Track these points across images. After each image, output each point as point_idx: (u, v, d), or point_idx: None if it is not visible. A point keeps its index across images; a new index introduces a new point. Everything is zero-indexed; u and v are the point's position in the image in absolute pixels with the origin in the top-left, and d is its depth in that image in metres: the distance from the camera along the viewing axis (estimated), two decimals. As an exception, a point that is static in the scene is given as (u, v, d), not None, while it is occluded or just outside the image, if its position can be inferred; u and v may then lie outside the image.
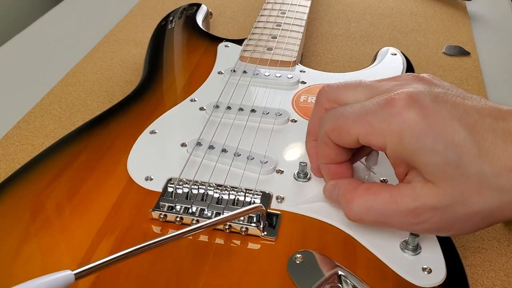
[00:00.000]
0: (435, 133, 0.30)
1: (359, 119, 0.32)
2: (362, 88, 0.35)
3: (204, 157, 0.42)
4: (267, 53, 0.56)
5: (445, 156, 0.29)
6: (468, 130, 0.29)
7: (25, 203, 0.38)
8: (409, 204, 0.31)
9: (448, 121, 0.30)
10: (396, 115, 0.30)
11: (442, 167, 0.30)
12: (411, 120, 0.30)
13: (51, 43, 0.71)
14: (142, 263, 0.34)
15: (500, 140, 0.29)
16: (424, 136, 0.30)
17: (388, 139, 0.31)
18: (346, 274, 0.33)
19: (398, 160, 0.32)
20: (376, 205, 0.33)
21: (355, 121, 0.33)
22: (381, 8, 0.80)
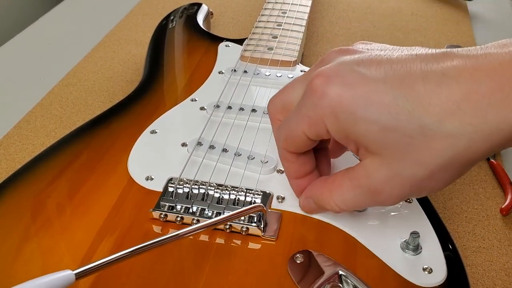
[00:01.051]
0: (363, 100, 0.28)
1: (298, 117, 0.32)
2: (298, 83, 0.34)
3: (205, 157, 0.42)
4: (268, 53, 0.56)
5: (380, 121, 0.28)
6: (396, 87, 0.28)
7: (25, 203, 0.38)
8: (367, 185, 0.31)
9: (373, 85, 0.28)
10: (322, 97, 0.30)
11: (381, 135, 0.28)
12: (336, 95, 0.29)
13: (52, 43, 0.71)
14: (142, 263, 0.34)
15: (434, 86, 0.27)
16: (354, 107, 0.29)
17: (327, 123, 0.30)
18: (346, 274, 0.33)
19: (344, 139, 0.31)
20: (345, 196, 0.32)
21: (296, 121, 0.32)
22: (382, 8, 0.80)
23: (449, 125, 0.27)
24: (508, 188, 0.46)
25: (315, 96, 0.30)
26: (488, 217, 0.44)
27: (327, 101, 0.29)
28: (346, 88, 0.29)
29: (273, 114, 0.36)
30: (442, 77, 0.28)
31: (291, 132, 0.33)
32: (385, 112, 0.28)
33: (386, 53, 0.30)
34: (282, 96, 0.35)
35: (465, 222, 0.43)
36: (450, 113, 0.27)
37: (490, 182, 0.48)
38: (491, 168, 0.49)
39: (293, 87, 0.34)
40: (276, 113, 0.36)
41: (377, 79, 0.29)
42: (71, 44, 0.71)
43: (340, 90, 0.29)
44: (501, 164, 0.49)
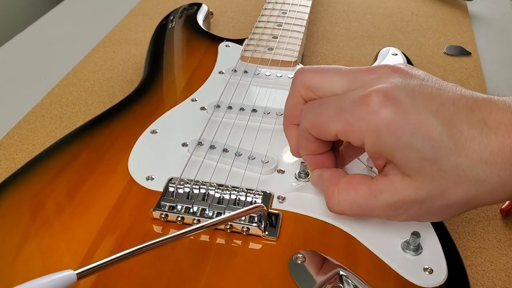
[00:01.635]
0: (412, 129, 0.30)
1: (337, 117, 0.32)
2: (338, 77, 0.34)
3: (205, 157, 0.42)
4: (268, 53, 0.56)
5: (422, 152, 0.30)
6: (445, 124, 0.30)
7: (25, 203, 0.38)
8: (388, 199, 0.32)
9: (424, 116, 0.30)
10: (373, 114, 0.30)
11: (419, 163, 0.30)
12: (387, 118, 0.30)
13: (52, 43, 0.71)
14: (143, 263, 0.34)
15: (476, 132, 0.30)
16: (401, 133, 0.30)
17: (366, 137, 0.31)
18: (347, 274, 0.33)
19: (376, 154, 0.32)
20: (356, 200, 0.33)
21: (333, 119, 0.33)
22: (382, 8, 0.80)
23: (481, 172, 0.30)
24: (508, 188, 0.46)
25: (366, 110, 0.31)
26: (488, 217, 0.44)
27: (376, 119, 0.30)
28: (399, 114, 0.30)
29: (297, 84, 0.36)
30: (484, 126, 0.30)
31: (323, 124, 0.33)
32: (429, 144, 0.30)
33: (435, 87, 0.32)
34: (316, 77, 0.35)
35: (465, 222, 0.43)
36: (484, 162, 0.29)
37: (490, 182, 0.48)
38: (491, 168, 0.49)
39: (332, 77, 0.34)
40: (301, 87, 0.36)
41: (429, 112, 0.30)
42: (71, 44, 0.71)
43: (393, 113, 0.30)
44: (501, 165, 0.49)
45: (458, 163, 0.30)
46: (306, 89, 0.35)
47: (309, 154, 0.37)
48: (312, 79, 0.35)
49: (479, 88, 0.61)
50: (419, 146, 0.30)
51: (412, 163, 0.30)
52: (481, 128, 0.30)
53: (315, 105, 0.34)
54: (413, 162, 0.30)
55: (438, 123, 0.30)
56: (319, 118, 0.34)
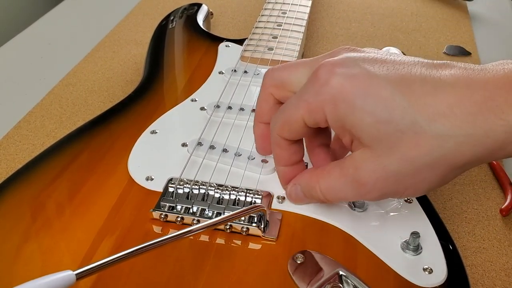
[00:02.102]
0: (362, 92, 0.30)
1: (299, 102, 0.32)
2: (302, 68, 0.35)
3: (205, 157, 0.42)
4: (268, 53, 0.56)
5: (375, 113, 0.29)
6: (396, 83, 0.29)
7: (25, 203, 0.38)
8: (353, 175, 0.31)
9: (374, 79, 0.30)
10: (324, 85, 0.31)
11: (374, 126, 0.29)
12: (338, 84, 0.30)
13: (52, 43, 0.71)
14: (143, 263, 0.34)
15: (430, 88, 0.29)
16: (352, 97, 0.30)
17: (325, 110, 0.31)
18: (347, 274, 0.33)
19: (340, 129, 0.32)
20: (332, 183, 0.33)
21: (296, 105, 0.33)
22: (382, 8, 0.80)
23: (440, 126, 0.29)
24: (508, 188, 0.46)
25: (318, 83, 0.31)
26: (488, 217, 0.44)
27: (328, 89, 0.31)
28: (348, 79, 0.30)
29: (267, 85, 0.36)
30: (439, 82, 0.29)
31: (290, 117, 0.33)
32: (381, 105, 0.29)
33: (391, 57, 0.32)
34: (283, 73, 0.36)
35: (465, 222, 0.43)
36: (442, 115, 0.28)
37: (490, 182, 0.48)
38: (491, 168, 0.49)
39: (296, 69, 0.35)
40: (270, 86, 0.36)
41: (379, 75, 0.30)
42: (71, 44, 0.71)
43: (343, 80, 0.30)
44: (501, 165, 0.49)
45: (414, 120, 0.29)
46: (276, 87, 0.36)
47: (284, 166, 0.36)
48: (279, 75, 0.36)
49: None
50: (371, 108, 0.29)
51: (368, 129, 0.30)
52: (436, 83, 0.29)
53: (280, 108, 0.35)
54: (369, 127, 0.30)
55: (389, 84, 0.29)
56: (285, 113, 0.34)
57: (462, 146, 0.29)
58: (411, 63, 0.31)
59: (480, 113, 0.28)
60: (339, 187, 0.33)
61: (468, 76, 0.29)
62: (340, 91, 0.30)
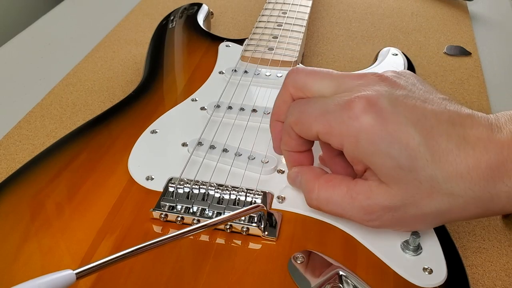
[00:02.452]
0: (390, 137, 0.30)
1: (320, 117, 0.33)
2: (328, 80, 0.35)
3: (205, 157, 0.42)
4: (268, 53, 0.56)
5: (398, 160, 0.30)
6: (423, 135, 0.30)
7: (25, 203, 0.38)
8: (362, 202, 0.32)
9: (403, 126, 0.30)
10: (354, 119, 0.31)
11: (395, 171, 0.31)
12: (367, 124, 0.31)
13: (52, 43, 0.71)
14: (143, 262, 0.34)
15: (454, 146, 0.30)
16: (379, 141, 0.30)
17: (345, 141, 0.32)
18: (347, 274, 0.33)
19: (354, 160, 0.33)
20: (333, 198, 0.34)
21: (316, 119, 0.33)
22: (382, 8, 0.80)
23: (455, 185, 0.30)
24: (508, 188, 0.46)
25: (348, 115, 0.31)
26: (488, 217, 0.44)
27: (356, 125, 0.31)
28: (379, 121, 0.31)
29: (288, 84, 0.37)
30: (463, 141, 0.30)
31: (306, 122, 0.34)
32: (406, 153, 0.30)
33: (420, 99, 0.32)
34: (307, 79, 0.36)
35: (465, 222, 0.43)
36: (460, 175, 0.30)
37: (490, 182, 0.48)
38: (491, 168, 0.49)
39: (322, 79, 0.35)
40: (291, 86, 0.37)
41: (409, 122, 0.31)
42: (71, 44, 0.71)
43: (373, 120, 0.31)
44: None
45: (434, 174, 0.30)
46: (296, 89, 0.36)
47: (289, 151, 0.37)
48: (303, 79, 0.36)
49: (479, 88, 0.61)
50: (396, 154, 0.30)
51: (388, 171, 0.31)
52: (460, 142, 0.30)
53: (302, 103, 0.35)
54: (390, 169, 0.31)
55: (417, 134, 0.30)
56: (303, 116, 0.34)
57: (468, 206, 0.31)
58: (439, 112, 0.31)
59: (491, 179, 0.30)
60: (341, 205, 0.34)
61: (487, 138, 0.30)
62: (367, 131, 0.31)
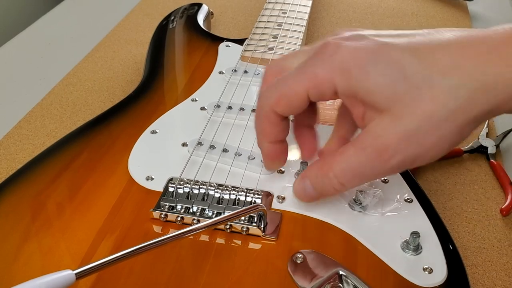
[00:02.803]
0: (373, 57, 0.30)
1: (302, 75, 0.32)
2: (301, 53, 0.34)
3: (205, 157, 0.42)
4: (268, 53, 0.56)
5: (389, 74, 0.30)
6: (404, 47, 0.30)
7: (26, 203, 0.38)
8: (373, 144, 0.31)
9: (383, 45, 0.30)
10: (334, 54, 0.31)
11: (390, 86, 0.30)
12: (348, 53, 0.30)
13: (52, 43, 0.71)
14: (143, 262, 0.34)
15: (437, 45, 0.30)
16: (365, 63, 0.30)
17: (336, 80, 0.31)
18: (347, 274, 0.33)
19: (352, 99, 0.32)
20: (348, 164, 0.32)
21: (299, 79, 0.32)
22: (383, 8, 0.80)
23: (452, 77, 0.29)
24: (508, 188, 0.46)
25: (327, 54, 0.31)
26: (488, 217, 0.44)
27: (339, 57, 0.31)
28: (358, 48, 0.30)
29: (268, 77, 0.36)
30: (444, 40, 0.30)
31: (290, 89, 0.32)
32: (393, 66, 0.30)
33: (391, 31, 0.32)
34: (282, 62, 0.35)
35: (465, 222, 0.43)
36: (452, 67, 0.29)
37: (490, 182, 0.48)
38: (491, 168, 0.49)
39: (296, 55, 0.35)
40: (270, 75, 0.35)
41: (387, 42, 0.31)
42: (71, 44, 0.71)
43: (353, 49, 0.30)
44: (501, 164, 0.49)
45: (427, 74, 0.29)
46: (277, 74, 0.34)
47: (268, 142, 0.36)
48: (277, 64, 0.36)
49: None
50: (384, 70, 0.30)
51: (384, 90, 0.30)
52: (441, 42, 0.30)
53: (276, 81, 0.34)
54: (385, 88, 0.30)
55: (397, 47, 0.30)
56: (284, 86, 0.33)
57: (475, 95, 0.29)
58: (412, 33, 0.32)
59: (488, 62, 0.29)
60: (357, 163, 0.32)
61: (469, 35, 0.30)
62: (351, 59, 0.30)
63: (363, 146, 0.31)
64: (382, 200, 0.38)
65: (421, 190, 0.40)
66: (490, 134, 0.53)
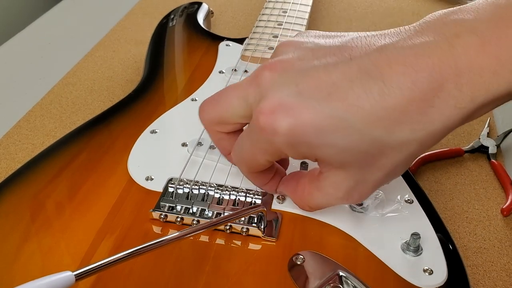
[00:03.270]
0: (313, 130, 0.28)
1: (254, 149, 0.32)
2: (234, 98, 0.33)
3: (205, 157, 0.42)
4: (269, 53, 0.55)
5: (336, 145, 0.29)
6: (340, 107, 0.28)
7: (25, 203, 0.38)
8: (335, 194, 0.32)
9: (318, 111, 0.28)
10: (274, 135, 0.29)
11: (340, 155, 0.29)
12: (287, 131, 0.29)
13: (52, 42, 0.71)
14: (142, 263, 0.34)
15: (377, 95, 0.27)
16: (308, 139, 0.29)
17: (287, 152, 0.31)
18: (347, 275, 0.33)
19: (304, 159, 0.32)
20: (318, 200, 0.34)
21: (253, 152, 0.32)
22: (383, 7, 0.80)
23: (399, 133, 0.28)
24: (509, 188, 0.46)
25: (266, 135, 0.30)
26: (489, 217, 0.44)
27: (280, 138, 0.29)
28: (292, 120, 0.29)
29: (209, 125, 0.36)
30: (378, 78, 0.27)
31: (250, 160, 0.34)
32: (338, 135, 0.28)
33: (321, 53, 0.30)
34: (217, 110, 0.34)
35: (465, 222, 0.43)
36: (397, 122, 0.28)
37: (491, 182, 0.48)
38: (492, 168, 0.49)
39: (230, 102, 0.33)
40: (212, 125, 0.36)
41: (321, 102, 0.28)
42: (71, 44, 0.70)
43: (288, 123, 0.29)
44: (502, 164, 0.49)
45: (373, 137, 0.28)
46: (218, 125, 0.35)
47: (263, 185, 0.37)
48: (215, 112, 0.35)
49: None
50: (330, 141, 0.29)
51: (335, 158, 0.30)
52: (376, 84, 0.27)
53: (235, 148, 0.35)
54: (335, 156, 0.30)
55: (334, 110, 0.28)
56: (243, 156, 0.34)
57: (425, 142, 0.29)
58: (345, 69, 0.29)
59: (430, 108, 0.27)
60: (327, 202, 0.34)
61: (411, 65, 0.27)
62: (293, 136, 0.29)
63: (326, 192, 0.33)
64: (383, 201, 0.38)
65: (422, 191, 0.40)
66: (491, 134, 0.53)
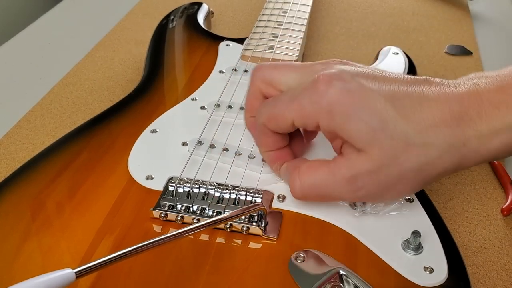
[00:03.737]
0: (359, 104, 0.32)
1: (291, 104, 0.35)
2: (293, 72, 0.37)
3: (205, 156, 0.42)
4: (269, 52, 0.55)
5: (370, 123, 0.32)
6: (388, 98, 0.33)
7: (26, 202, 0.38)
8: (345, 174, 0.34)
9: (369, 92, 0.33)
10: (323, 95, 0.33)
11: (369, 134, 0.32)
12: (335, 97, 0.33)
13: (52, 42, 0.71)
14: (142, 262, 0.34)
15: (417, 103, 0.33)
16: (349, 109, 0.32)
17: (319, 118, 0.33)
18: (347, 274, 0.33)
19: (332, 134, 0.34)
20: (317, 180, 0.35)
21: (288, 107, 0.35)
22: (383, 7, 0.80)
23: (426, 136, 0.32)
24: (509, 188, 0.46)
25: (316, 92, 0.33)
26: (489, 217, 0.44)
27: (326, 99, 0.33)
28: (346, 92, 0.33)
29: (256, 80, 0.38)
30: (424, 97, 0.33)
31: (279, 114, 0.35)
32: (376, 116, 0.32)
33: (379, 72, 0.35)
34: (273, 72, 0.37)
35: (466, 222, 0.43)
36: (428, 126, 0.32)
37: (491, 182, 0.48)
38: (492, 168, 0.49)
39: (288, 72, 0.37)
40: (260, 82, 0.38)
41: (373, 90, 0.33)
42: (71, 44, 0.70)
43: (340, 92, 0.33)
44: (502, 164, 0.49)
45: (404, 130, 0.32)
46: (265, 84, 0.38)
47: (268, 151, 0.39)
48: (269, 74, 0.37)
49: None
50: (367, 118, 0.32)
51: (363, 135, 0.32)
52: (421, 98, 0.33)
53: (269, 101, 0.37)
54: (364, 133, 0.32)
55: (382, 98, 0.33)
56: (275, 109, 0.36)
57: (443, 154, 0.33)
58: (397, 79, 0.34)
59: (458, 126, 0.32)
60: (326, 184, 0.35)
61: (445, 92, 0.33)
62: (338, 103, 0.33)
63: (336, 171, 0.34)
64: (383, 200, 0.38)
65: (422, 190, 0.40)
66: (491, 133, 0.53)
